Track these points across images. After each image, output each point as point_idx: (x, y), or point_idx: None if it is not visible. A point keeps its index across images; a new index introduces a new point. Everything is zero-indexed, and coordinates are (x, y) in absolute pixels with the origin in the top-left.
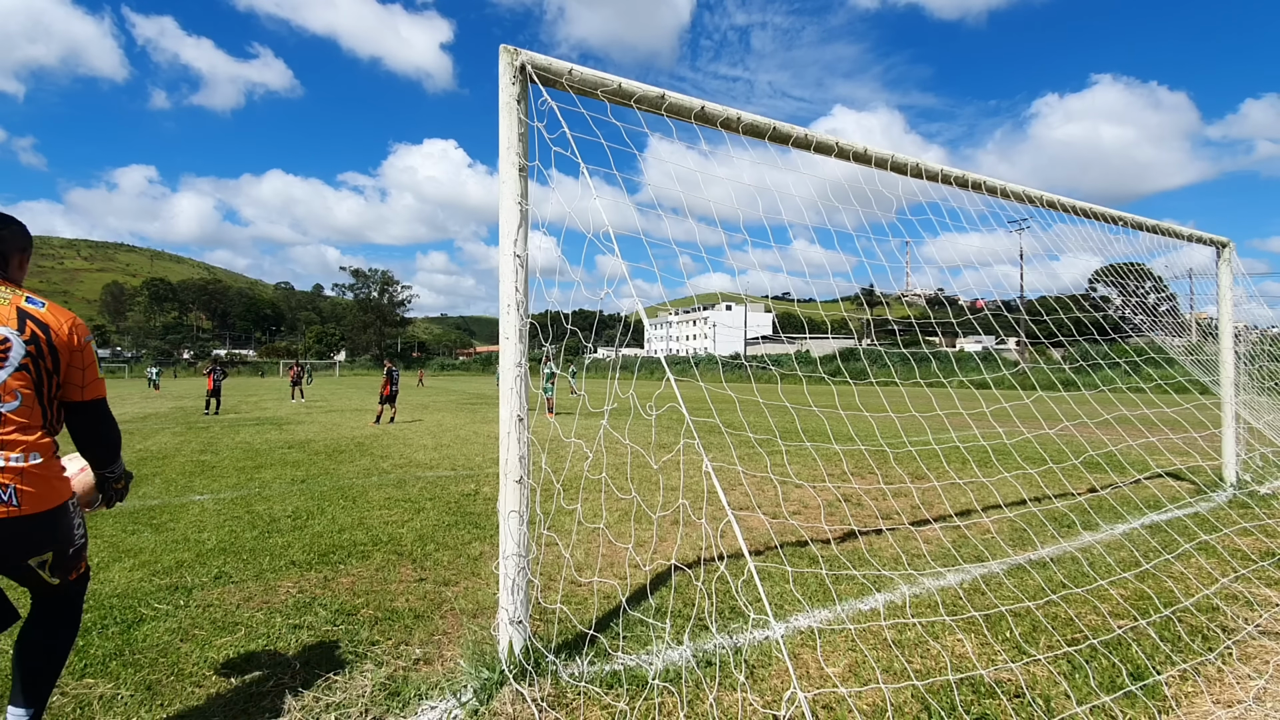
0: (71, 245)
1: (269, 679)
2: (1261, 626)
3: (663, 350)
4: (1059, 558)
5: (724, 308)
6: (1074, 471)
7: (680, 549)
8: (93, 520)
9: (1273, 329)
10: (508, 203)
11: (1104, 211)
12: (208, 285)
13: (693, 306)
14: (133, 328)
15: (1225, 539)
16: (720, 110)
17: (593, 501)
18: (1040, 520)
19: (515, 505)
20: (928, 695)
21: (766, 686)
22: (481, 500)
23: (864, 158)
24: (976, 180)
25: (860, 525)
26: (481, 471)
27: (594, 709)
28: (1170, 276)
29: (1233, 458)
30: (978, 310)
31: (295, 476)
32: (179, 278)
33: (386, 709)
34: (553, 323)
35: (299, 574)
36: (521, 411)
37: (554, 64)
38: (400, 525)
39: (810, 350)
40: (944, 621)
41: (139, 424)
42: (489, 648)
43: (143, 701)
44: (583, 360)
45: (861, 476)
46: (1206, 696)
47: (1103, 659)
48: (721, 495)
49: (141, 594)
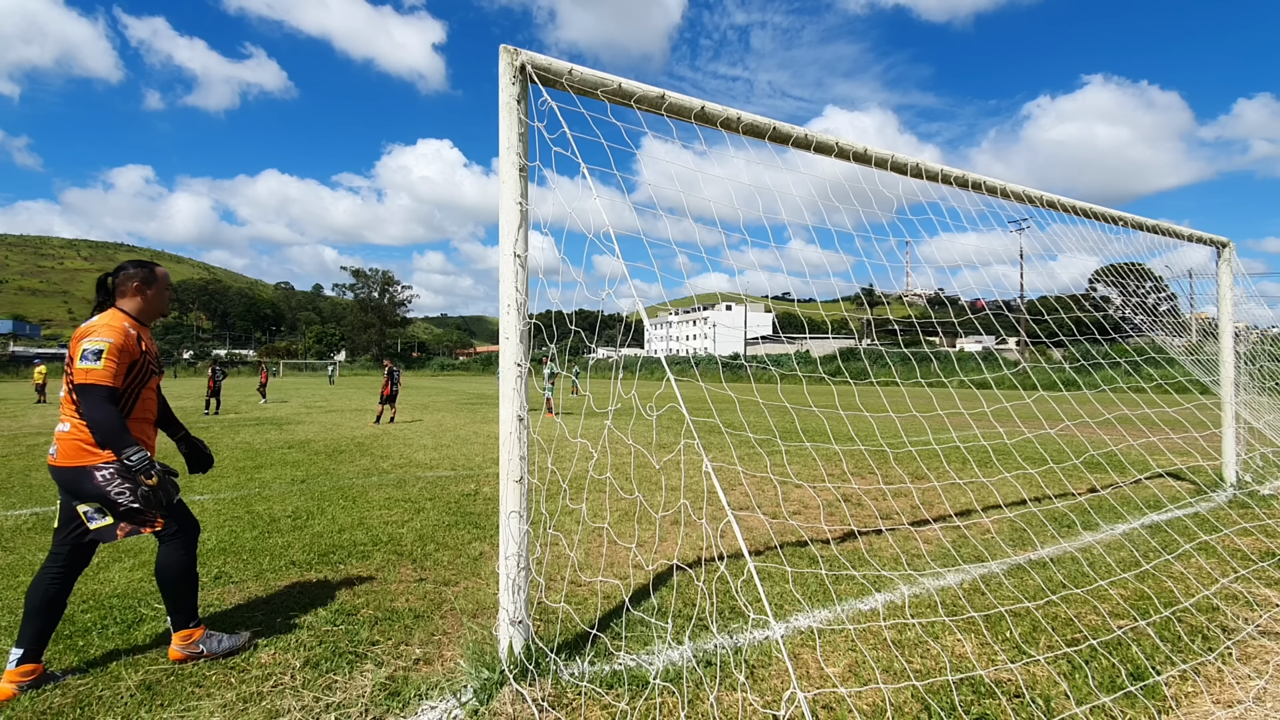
0: (71, 245)
1: (269, 679)
2: (1261, 626)
3: (663, 350)
4: (1059, 558)
5: (724, 308)
6: (1074, 471)
7: (681, 549)
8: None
9: (1273, 329)
10: (508, 203)
11: (1104, 211)
12: (207, 285)
13: (692, 306)
14: None
15: (1225, 539)
16: (720, 110)
17: (593, 501)
18: (1040, 520)
19: (515, 505)
20: (927, 695)
21: (766, 686)
22: (481, 500)
23: (864, 157)
24: (976, 180)
25: (860, 525)
26: (481, 471)
27: (594, 709)
28: (1170, 276)
29: (1233, 458)
30: (978, 310)
31: (295, 476)
32: (179, 278)
33: (386, 709)
34: (556, 323)
35: (299, 574)
36: (522, 411)
37: (554, 64)
38: (400, 525)
39: (810, 350)
40: (944, 622)
41: None
42: (489, 648)
43: (142, 702)
44: (585, 360)
45: (861, 476)
46: (1206, 697)
47: (1103, 659)
48: (721, 495)
49: (142, 594)
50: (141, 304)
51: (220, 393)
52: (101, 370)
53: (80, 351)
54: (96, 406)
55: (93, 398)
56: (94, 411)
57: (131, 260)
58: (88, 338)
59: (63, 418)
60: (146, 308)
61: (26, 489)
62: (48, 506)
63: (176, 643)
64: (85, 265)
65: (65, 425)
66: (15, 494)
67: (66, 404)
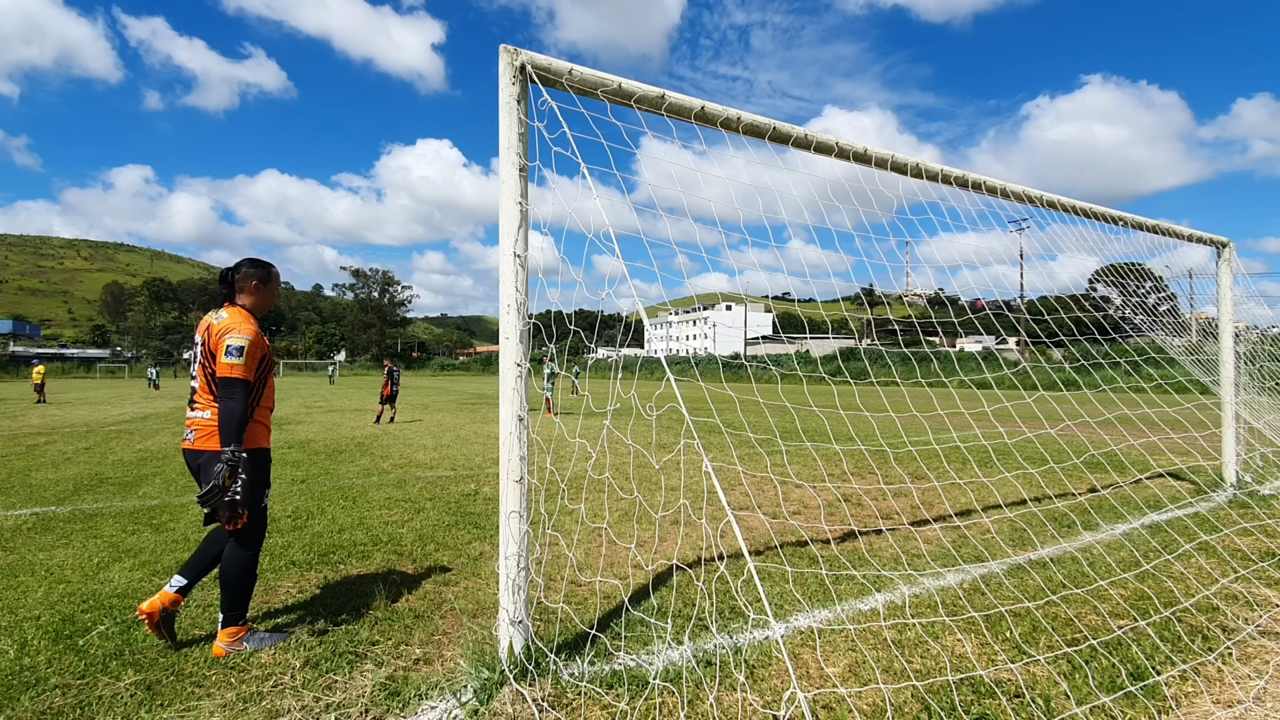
0: (71, 245)
1: (269, 679)
2: (1261, 626)
3: (663, 350)
4: (1059, 558)
5: (724, 307)
6: (1074, 471)
7: (681, 549)
8: (92, 520)
9: (1273, 329)
10: (508, 203)
11: (1104, 211)
12: (208, 285)
13: (692, 306)
14: (133, 328)
15: (1225, 539)
16: (720, 110)
17: (594, 501)
18: (1040, 520)
19: (515, 505)
20: (928, 695)
21: (766, 686)
22: (481, 500)
23: (864, 157)
24: (976, 180)
25: (860, 525)
26: (481, 471)
27: (594, 709)
28: (1170, 276)
29: (1233, 458)
30: (978, 310)
31: (295, 476)
32: (179, 278)
33: (386, 709)
34: (556, 323)
35: (299, 574)
36: (522, 411)
37: (554, 64)
38: (400, 525)
39: (810, 350)
40: (944, 622)
41: (139, 424)
42: (489, 648)
43: (142, 702)
44: (585, 360)
45: (861, 476)
46: (1206, 697)
47: (1103, 659)
48: (721, 495)
49: (142, 594)
50: (258, 300)
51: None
52: (243, 366)
53: (225, 347)
54: (235, 398)
55: (235, 390)
56: (231, 402)
57: (248, 259)
58: (230, 334)
59: (201, 406)
60: (262, 303)
61: (26, 489)
62: (48, 506)
63: (223, 639)
64: (85, 265)
65: (206, 413)
66: (15, 494)
67: (205, 393)
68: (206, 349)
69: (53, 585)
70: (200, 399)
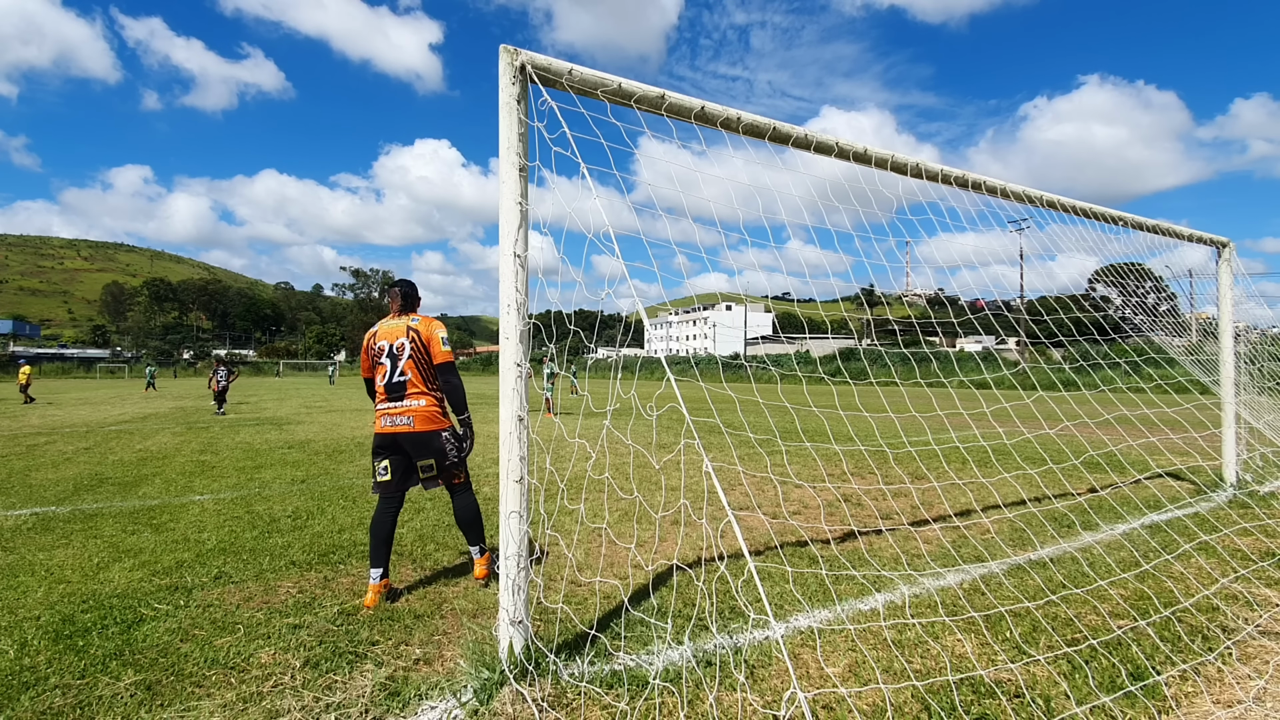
0: (71, 245)
1: (269, 679)
2: (1261, 626)
3: (663, 350)
4: (1059, 558)
5: (723, 308)
6: (1074, 471)
7: (681, 549)
8: (92, 520)
9: (1273, 329)
10: (508, 203)
11: (1104, 211)
12: (207, 285)
13: (692, 306)
14: (133, 328)
15: (1225, 539)
16: (720, 110)
17: (594, 501)
18: (1040, 520)
19: (515, 505)
20: (928, 695)
21: (766, 686)
22: (481, 500)
23: (864, 157)
24: (976, 180)
25: (860, 525)
26: (481, 471)
27: (594, 709)
28: (1170, 276)
29: (1233, 458)
30: (978, 310)
31: (295, 476)
32: (179, 278)
33: (386, 709)
34: (555, 323)
35: (299, 574)
36: (522, 411)
37: (554, 64)
38: (400, 525)
39: (810, 350)
40: (944, 622)
41: (139, 424)
42: (489, 648)
43: (142, 702)
44: (584, 360)
45: (861, 476)
46: (1206, 697)
47: (1103, 659)
48: (721, 495)
49: (141, 594)
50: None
51: (223, 396)
52: (452, 353)
53: (440, 339)
54: (457, 375)
55: (455, 371)
56: (456, 379)
57: (405, 279)
58: (440, 329)
59: (415, 395)
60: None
61: (26, 489)
62: (48, 506)
63: (482, 564)
64: (85, 265)
65: (422, 400)
66: (15, 494)
67: (419, 383)
68: (419, 346)
69: (53, 585)
70: (413, 388)
